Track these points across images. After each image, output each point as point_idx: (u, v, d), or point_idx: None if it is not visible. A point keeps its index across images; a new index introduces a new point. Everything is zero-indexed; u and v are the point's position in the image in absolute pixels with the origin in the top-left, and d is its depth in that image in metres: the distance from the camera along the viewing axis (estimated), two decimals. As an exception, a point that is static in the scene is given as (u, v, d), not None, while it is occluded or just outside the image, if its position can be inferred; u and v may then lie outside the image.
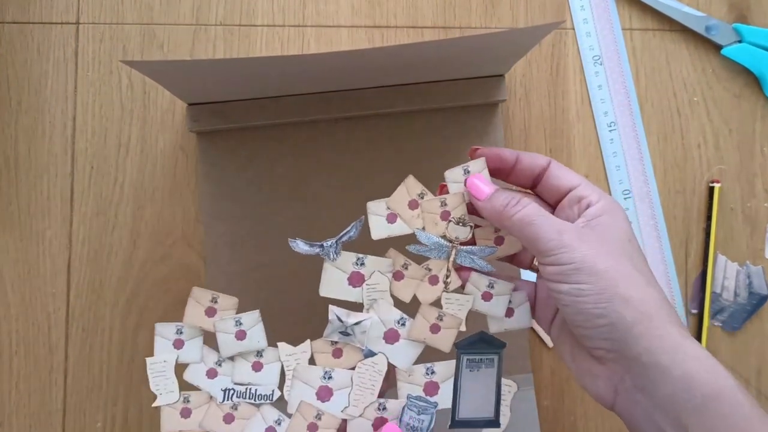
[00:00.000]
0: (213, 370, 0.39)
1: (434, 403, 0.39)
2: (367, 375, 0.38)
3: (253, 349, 0.39)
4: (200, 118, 0.49)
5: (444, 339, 0.39)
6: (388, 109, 0.49)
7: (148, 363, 0.38)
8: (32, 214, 0.51)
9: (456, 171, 0.39)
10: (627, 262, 0.34)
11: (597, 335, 0.33)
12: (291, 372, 0.38)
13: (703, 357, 0.32)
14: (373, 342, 0.39)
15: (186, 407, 0.38)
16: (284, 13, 0.53)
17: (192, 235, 0.51)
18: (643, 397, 0.32)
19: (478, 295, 0.39)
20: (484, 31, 0.54)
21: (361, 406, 0.38)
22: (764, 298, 0.52)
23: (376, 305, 0.39)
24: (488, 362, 0.39)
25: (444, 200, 0.39)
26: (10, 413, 0.50)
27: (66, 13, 0.52)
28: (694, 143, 0.54)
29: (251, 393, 0.38)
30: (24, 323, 0.50)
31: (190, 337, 0.39)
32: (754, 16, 0.54)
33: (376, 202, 0.39)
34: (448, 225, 0.39)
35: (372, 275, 0.39)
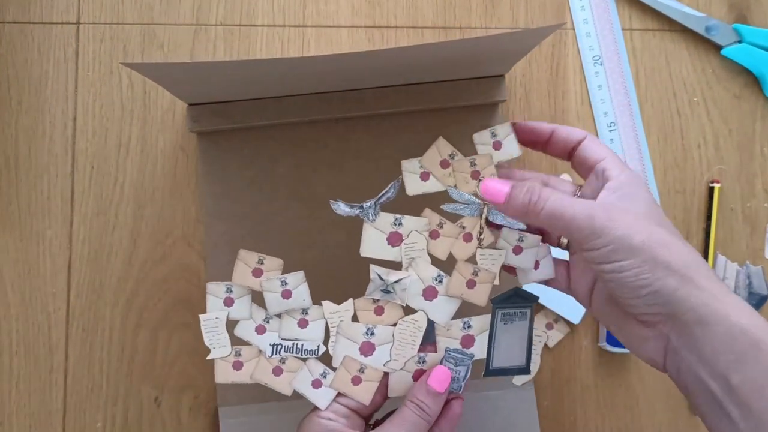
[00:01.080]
0: (261, 326, 0.41)
1: (470, 354, 0.41)
2: (408, 331, 0.40)
3: (299, 307, 0.40)
4: (201, 118, 0.49)
5: (479, 293, 0.40)
6: (389, 109, 0.49)
7: (202, 319, 0.40)
8: (32, 214, 0.51)
9: (484, 134, 0.41)
10: (658, 227, 0.35)
11: (643, 303, 0.35)
12: (335, 329, 0.40)
13: (744, 311, 0.33)
14: (412, 299, 0.40)
15: (238, 360, 0.40)
16: (284, 13, 0.53)
17: (192, 235, 0.51)
18: (689, 354, 0.34)
19: (510, 249, 0.41)
20: (484, 31, 0.54)
21: (402, 360, 0.40)
22: (764, 298, 0.52)
23: (415, 263, 0.40)
24: (521, 315, 0.41)
25: (474, 160, 0.41)
26: (10, 413, 0.50)
27: (66, 13, 0.52)
28: (694, 143, 0.54)
29: (298, 348, 0.40)
30: (24, 323, 0.50)
31: (239, 295, 0.40)
32: (754, 16, 0.54)
33: (410, 160, 0.41)
34: (479, 183, 0.40)
35: (410, 234, 0.40)
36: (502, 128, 0.41)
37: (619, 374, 0.52)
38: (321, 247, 0.50)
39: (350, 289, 0.41)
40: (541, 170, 0.53)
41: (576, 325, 0.52)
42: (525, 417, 0.50)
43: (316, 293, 0.41)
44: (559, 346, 0.52)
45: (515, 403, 0.50)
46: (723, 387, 0.32)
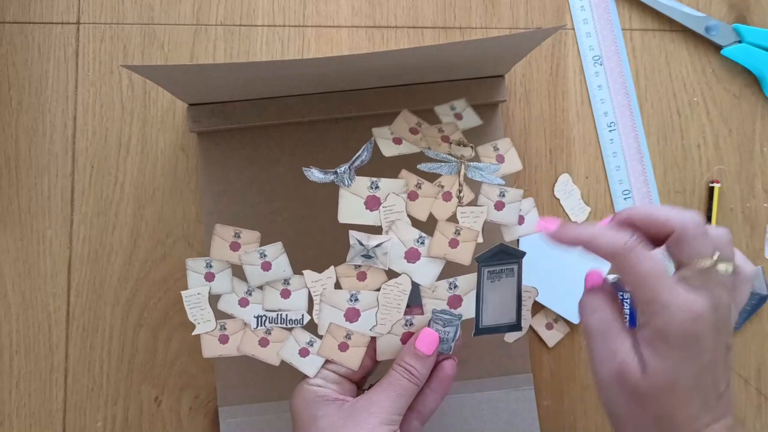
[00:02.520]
0: (244, 299, 0.40)
1: (458, 314, 0.40)
2: (392, 295, 0.40)
3: (280, 278, 0.40)
4: (201, 119, 0.49)
5: (463, 252, 0.40)
6: (389, 109, 0.49)
7: (184, 296, 0.40)
8: (33, 213, 0.51)
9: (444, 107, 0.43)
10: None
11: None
12: (318, 297, 0.40)
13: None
14: (395, 262, 0.40)
15: (223, 334, 0.40)
16: (284, 13, 0.53)
17: (192, 235, 0.51)
18: None
19: (491, 205, 0.40)
20: (484, 31, 0.54)
21: (389, 323, 0.40)
22: (764, 298, 0.52)
23: (395, 226, 0.40)
24: (508, 272, 0.40)
25: (440, 127, 0.41)
26: (10, 413, 0.50)
27: (66, 13, 0.52)
28: (694, 143, 0.54)
29: (282, 318, 0.40)
30: (24, 323, 0.50)
31: (219, 269, 0.40)
32: (754, 16, 0.54)
33: (380, 128, 0.41)
34: (451, 146, 0.41)
35: (387, 197, 0.40)
36: (459, 103, 0.43)
37: (619, 374, 0.52)
38: (321, 246, 0.50)
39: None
40: (541, 179, 0.53)
41: (576, 325, 0.52)
42: (525, 417, 0.50)
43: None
44: (559, 346, 0.52)
45: (515, 403, 0.50)
46: None
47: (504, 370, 0.50)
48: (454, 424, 0.50)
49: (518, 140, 0.53)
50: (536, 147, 0.53)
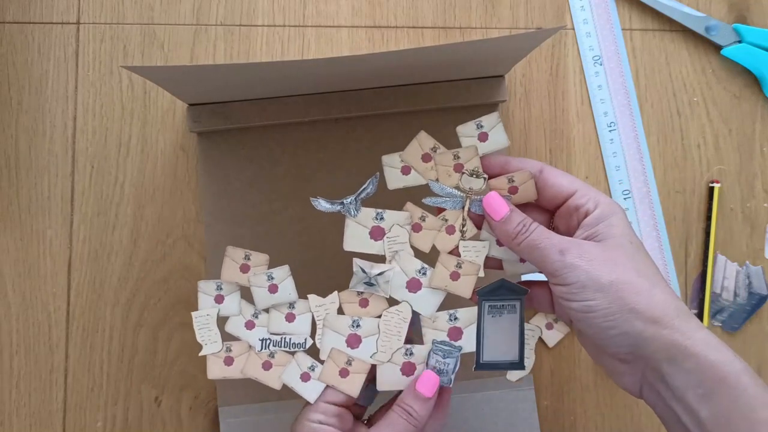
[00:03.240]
0: (251, 321, 0.42)
1: (459, 347, 0.40)
2: (392, 322, 0.40)
3: (285, 301, 0.41)
4: (201, 119, 0.49)
5: (464, 285, 0.40)
6: (389, 109, 0.49)
7: (194, 316, 0.41)
8: (33, 213, 0.51)
9: (469, 126, 0.41)
10: (630, 268, 0.35)
11: (612, 343, 0.35)
12: (321, 321, 0.41)
13: (713, 347, 0.33)
14: (396, 291, 0.40)
15: (228, 356, 0.41)
16: (284, 13, 0.53)
17: (192, 235, 0.51)
18: (662, 388, 0.35)
19: (494, 241, 0.41)
20: (484, 31, 0.54)
21: (389, 351, 0.40)
22: (764, 298, 0.52)
23: (398, 256, 0.40)
24: (510, 308, 0.41)
25: (457, 153, 0.40)
26: (10, 413, 0.50)
27: (66, 13, 0.52)
28: (694, 143, 0.54)
29: (286, 342, 0.41)
30: (24, 322, 0.51)
31: (228, 292, 0.42)
32: (754, 16, 0.54)
33: (390, 155, 0.41)
34: (462, 176, 0.40)
35: (392, 228, 0.41)
36: (489, 119, 0.41)
37: (618, 374, 0.52)
38: (321, 247, 0.50)
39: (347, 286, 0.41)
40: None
41: (576, 325, 0.52)
42: (525, 417, 0.50)
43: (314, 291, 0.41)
44: (559, 346, 0.52)
45: (515, 403, 0.50)
46: (693, 420, 0.33)
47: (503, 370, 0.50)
48: (454, 424, 0.50)
49: (518, 140, 0.53)
50: (536, 147, 0.53)
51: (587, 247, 0.36)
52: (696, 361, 0.33)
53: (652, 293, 0.35)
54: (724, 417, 0.32)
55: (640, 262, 0.36)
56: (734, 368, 0.33)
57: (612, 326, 0.34)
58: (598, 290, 0.34)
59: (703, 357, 0.33)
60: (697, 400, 0.33)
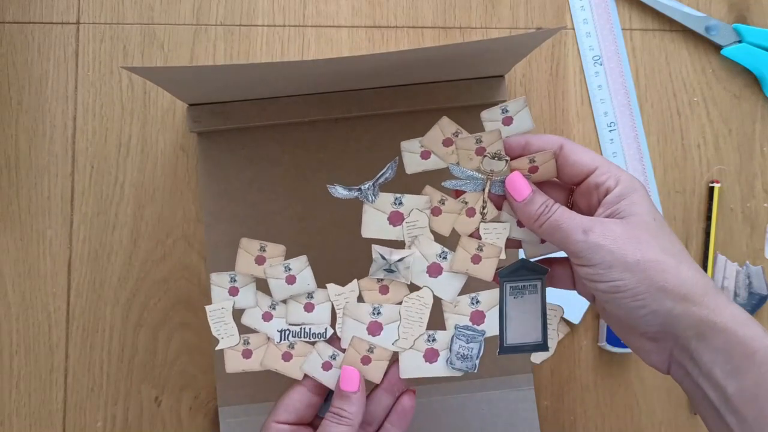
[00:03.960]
0: (268, 313, 0.40)
1: (482, 331, 0.40)
2: (414, 308, 0.40)
3: (304, 291, 0.40)
4: (201, 119, 0.49)
5: (485, 268, 0.39)
6: (389, 109, 0.49)
7: (208, 311, 0.40)
8: (33, 213, 0.51)
9: (494, 111, 0.39)
10: (655, 246, 0.35)
11: (641, 323, 0.35)
12: (341, 310, 0.40)
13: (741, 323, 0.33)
14: (417, 276, 0.40)
15: (247, 349, 0.40)
16: (284, 13, 0.53)
17: (192, 235, 0.51)
18: (690, 365, 0.34)
19: (514, 222, 0.40)
20: (484, 31, 0.54)
21: (411, 338, 0.40)
22: (764, 299, 0.52)
23: (417, 241, 0.40)
24: (531, 288, 0.40)
25: (480, 137, 0.39)
26: (10, 413, 0.50)
27: (66, 13, 0.52)
28: (694, 143, 0.54)
29: (305, 332, 0.40)
30: (24, 323, 0.51)
31: (243, 284, 0.40)
32: (754, 16, 0.54)
33: (410, 141, 0.40)
34: (483, 159, 0.39)
35: (411, 213, 0.40)
36: (515, 103, 0.39)
37: (619, 374, 0.52)
38: (321, 246, 0.50)
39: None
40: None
41: (576, 325, 0.52)
42: (525, 417, 0.50)
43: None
44: (559, 346, 0.52)
45: (515, 403, 0.50)
46: (720, 396, 0.33)
47: (504, 370, 0.50)
48: (455, 424, 0.50)
49: (518, 140, 0.53)
50: (536, 147, 0.53)
51: (611, 225, 0.35)
52: (725, 336, 0.33)
53: (680, 270, 0.34)
54: (751, 392, 0.32)
55: (665, 240, 0.36)
56: (763, 344, 0.32)
57: (641, 305, 0.34)
58: (625, 270, 0.34)
59: (732, 332, 0.33)
60: (725, 376, 0.33)
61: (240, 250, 0.40)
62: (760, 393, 0.32)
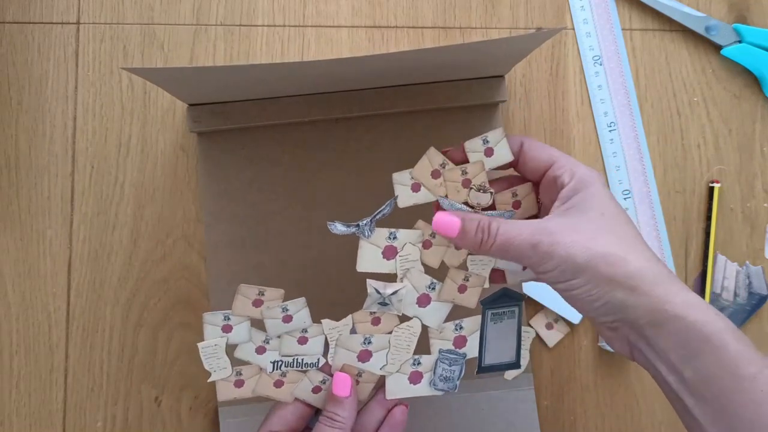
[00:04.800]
0: (261, 347, 0.41)
1: (463, 354, 0.42)
2: (403, 337, 0.42)
3: (299, 328, 0.41)
4: (201, 119, 0.49)
5: (470, 297, 0.42)
6: (389, 109, 0.49)
7: (200, 347, 0.40)
8: (33, 213, 0.51)
9: (475, 141, 0.41)
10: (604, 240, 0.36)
11: (598, 314, 0.36)
12: (334, 342, 0.41)
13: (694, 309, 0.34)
14: (407, 308, 0.41)
15: (239, 379, 0.41)
16: (284, 13, 0.53)
17: (192, 235, 0.51)
18: (648, 351, 0.36)
19: None
20: (484, 31, 0.54)
21: (398, 363, 0.42)
22: (764, 299, 0.52)
23: (409, 274, 0.41)
24: (510, 314, 0.43)
25: (465, 169, 0.41)
26: (10, 413, 0.50)
27: (66, 13, 0.52)
28: (694, 143, 0.54)
29: (298, 362, 0.41)
30: (24, 323, 0.50)
31: (237, 322, 0.41)
32: (754, 16, 0.54)
33: (401, 173, 0.41)
34: (470, 192, 0.41)
35: (404, 247, 0.41)
36: (494, 134, 0.41)
37: (618, 374, 0.52)
38: (320, 247, 0.50)
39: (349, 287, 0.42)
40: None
41: (576, 325, 0.52)
42: (525, 417, 0.50)
43: (316, 294, 0.41)
44: (559, 346, 0.52)
45: (515, 403, 0.50)
46: (678, 380, 0.34)
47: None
48: (455, 424, 0.50)
49: (518, 140, 0.53)
50: (536, 147, 0.53)
51: (558, 229, 0.36)
52: (677, 322, 0.34)
53: (628, 262, 0.35)
54: (707, 375, 0.33)
55: (618, 232, 0.36)
56: (716, 327, 0.33)
57: (594, 299, 0.35)
58: (576, 271, 0.35)
59: (683, 318, 0.34)
60: (681, 360, 0.34)
61: (237, 295, 0.40)
62: (716, 376, 0.33)
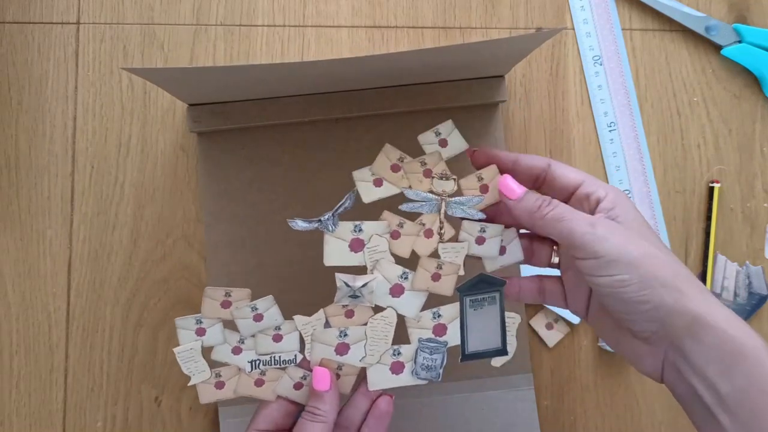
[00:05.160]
0: (237, 347, 0.41)
1: (444, 342, 0.41)
2: (379, 328, 0.41)
3: (272, 326, 0.41)
4: (201, 119, 0.49)
5: (445, 285, 0.41)
6: (389, 109, 0.49)
7: (176, 352, 0.40)
8: (33, 213, 0.51)
9: (428, 135, 0.42)
10: (651, 245, 0.36)
11: (642, 319, 0.35)
12: (309, 337, 0.41)
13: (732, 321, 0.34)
14: (380, 298, 0.41)
15: (219, 381, 0.41)
16: (284, 13, 0.53)
17: (192, 235, 0.51)
18: (683, 366, 0.35)
19: (472, 240, 0.41)
20: (484, 31, 0.54)
21: (377, 354, 0.41)
22: (764, 299, 0.52)
23: (379, 265, 0.41)
24: (491, 300, 0.42)
25: (423, 160, 0.41)
26: (10, 413, 0.50)
27: (66, 13, 0.52)
28: (694, 143, 0.54)
29: (276, 360, 0.41)
30: (24, 323, 0.50)
31: (210, 324, 0.41)
32: (754, 16, 0.54)
33: (361, 170, 0.41)
34: (433, 180, 0.41)
35: (371, 239, 0.41)
36: (445, 126, 0.42)
37: (618, 374, 0.52)
38: (320, 246, 0.50)
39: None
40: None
41: (576, 325, 0.52)
42: (525, 417, 0.50)
43: (316, 293, 0.41)
44: (559, 346, 0.52)
45: (515, 403, 0.50)
46: (713, 396, 0.33)
47: (504, 370, 0.50)
48: (455, 424, 0.50)
49: (518, 140, 0.53)
50: (536, 147, 0.53)
51: (613, 223, 0.36)
52: (717, 335, 0.33)
53: (674, 268, 0.35)
54: (744, 391, 0.33)
55: (657, 242, 0.37)
56: (755, 344, 0.33)
57: (645, 300, 0.35)
58: (630, 263, 0.34)
59: (722, 331, 0.33)
60: (718, 375, 0.33)
61: (205, 298, 0.40)
62: (752, 392, 0.32)
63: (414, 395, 0.49)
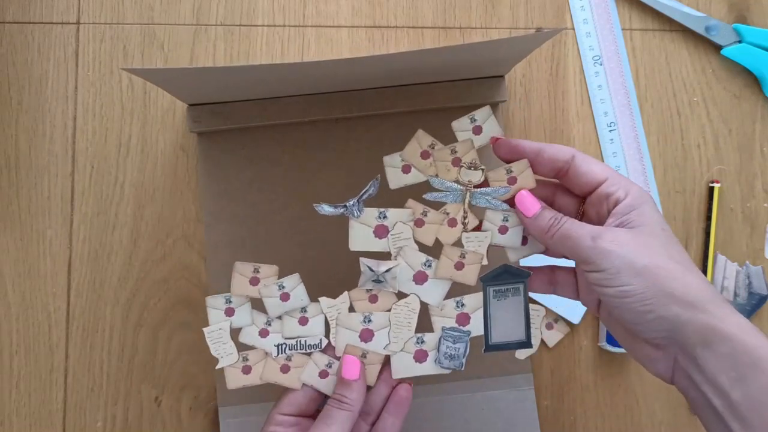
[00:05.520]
0: (264, 330, 0.42)
1: (467, 331, 0.42)
2: (402, 314, 0.41)
3: (298, 307, 0.42)
4: (201, 119, 0.49)
5: (469, 274, 0.41)
6: (389, 109, 0.49)
7: (206, 332, 0.41)
8: (33, 213, 0.51)
9: (463, 120, 0.42)
10: (663, 254, 0.35)
11: (648, 328, 0.35)
12: (334, 321, 0.42)
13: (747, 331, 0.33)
14: (404, 285, 0.41)
15: (246, 365, 0.41)
16: (284, 13, 0.53)
17: (192, 235, 0.51)
18: (695, 373, 0.34)
19: (495, 230, 0.41)
20: (484, 31, 0.54)
21: (401, 341, 0.41)
22: (764, 299, 0.52)
23: (403, 252, 0.41)
24: (514, 291, 0.42)
25: (454, 148, 0.41)
26: (10, 413, 0.50)
27: (66, 13, 0.52)
28: (694, 143, 0.54)
29: (301, 344, 0.42)
30: (24, 323, 0.50)
31: (238, 304, 0.41)
32: (754, 16, 0.54)
33: (392, 155, 0.42)
34: (460, 170, 0.41)
35: (395, 226, 0.41)
36: (481, 112, 0.42)
37: (618, 374, 0.52)
38: (320, 246, 0.50)
39: (349, 285, 0.42)
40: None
41: (576, 325, 0.52)
42: (525, 417, 0.50)
43: (317, 291, 0.41)
44: (559, 346, 0.52)
45: (515, 403, 0.50)
46: (725, 403, 0.33)
47: (504, 370, 0.50)
48: (455, 424, 0.50)
49: (518, 140, 0.53)
50: (536, 147, 0.53)
51: (619, 233, 0.36)
52: (730, 344, 0.33)
53: (687, 278, 0.35)
54: (757, 399, 0.32)
55: (673, 249, 0.36)
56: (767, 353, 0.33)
57: (649, 310, 0.34)
58: (634, 274, 0.34)
59: (737, 340, 0.33)
60: (730, 383, 0.33)
61: (234, 273, 0.41)
62: (765, 400, 0.32)
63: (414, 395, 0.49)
